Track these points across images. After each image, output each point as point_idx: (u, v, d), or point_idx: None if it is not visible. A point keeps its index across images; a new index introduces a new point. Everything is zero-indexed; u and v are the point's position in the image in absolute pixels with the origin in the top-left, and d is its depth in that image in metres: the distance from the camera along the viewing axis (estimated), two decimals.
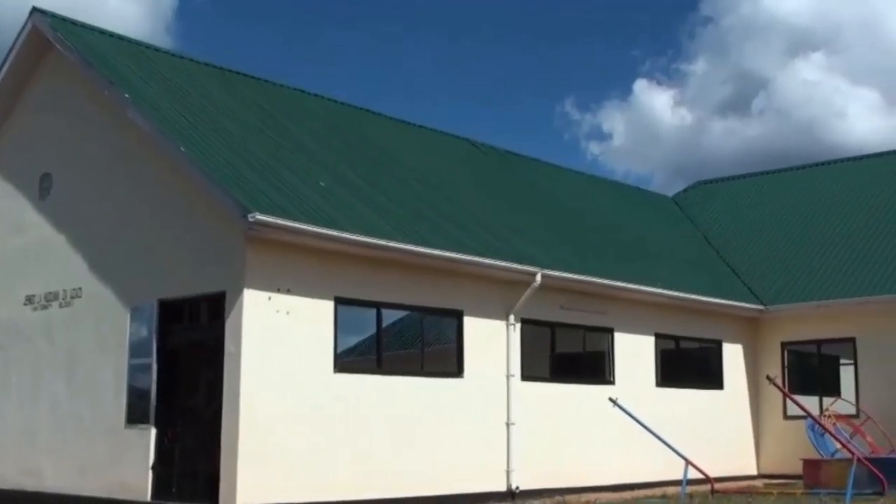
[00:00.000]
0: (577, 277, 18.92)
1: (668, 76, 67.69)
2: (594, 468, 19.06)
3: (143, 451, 15.32)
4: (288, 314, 14.62)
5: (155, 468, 15.25)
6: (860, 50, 60.46)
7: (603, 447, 19.36)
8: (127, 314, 16.02)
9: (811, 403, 22.00)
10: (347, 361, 15.81)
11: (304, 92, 22.00)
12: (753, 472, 23.51)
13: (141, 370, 15.68)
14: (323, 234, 14.71)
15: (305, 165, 17.59)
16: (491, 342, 17.74)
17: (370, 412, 15.60)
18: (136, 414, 15.60)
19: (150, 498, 15.11)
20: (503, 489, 17.38)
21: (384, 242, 15.55)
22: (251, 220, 13.63)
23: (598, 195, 27.28)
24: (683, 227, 28.93)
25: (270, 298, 14.43)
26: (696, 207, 30.42)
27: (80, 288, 16.89)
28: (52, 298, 17.36)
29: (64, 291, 17.15)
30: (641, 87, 67.00)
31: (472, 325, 17.45)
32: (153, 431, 15.33)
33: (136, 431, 15.52)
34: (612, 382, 20.07)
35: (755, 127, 61.32)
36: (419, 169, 21.35)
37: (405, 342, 17.86)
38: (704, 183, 32.53)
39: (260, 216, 13.70)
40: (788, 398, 19.83)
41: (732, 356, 23.67)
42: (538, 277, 17.89)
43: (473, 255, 17.07)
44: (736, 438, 23.33)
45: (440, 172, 22.07)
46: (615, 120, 68.29)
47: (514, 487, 17.50)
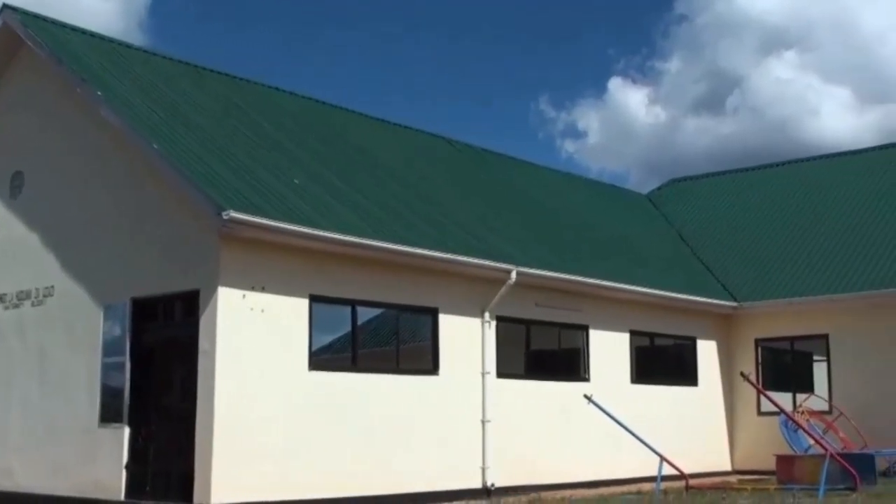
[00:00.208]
0: (552, 275, 18.95)
1: (642, 74, 67.98)
2: (569, 465, 19.10)
3: (116, 450, 15.23)
4: (262, 312, 14.57)
5: (129, 467, 15.16)
6: (832, 48, 60.92)
7: (578, 444, 19.40)
8: (100, 313, 15.92)
9: (785, 400, 22.14)
10: (322, 359, 15.78)
11: (279, 89, 21.93)
12: (727, 468, 23.63)
13: (114, 369, 15.58)
14: (298, 231, 14.67)
15: (280, 163, 17.53)
16: (466, 340, 17.75)
17: (345, 410, 15.58)
18: (109, 413, 15.51)
19: (123, 497, 15.02)
20: (478, 486, 17.39)
21: (359, 240, 15.53)
22: (225, 217, 13.57)
23: (573, 193, 27.34)
24: (658, 224, 29.04)
25: (245, 296, 14.38)
26: (670, 205, 30.54)
27: (52, 286, 16.77)
28: (24, 297, 17.22)
29: (36, 290, 17.02)
30: (616, 85, 67.27)
31: (447, 322, 17.45)
32: (127, 430, 15.24)
33: (109, 430, 15.43)
34: (587, 379, 20.12)
35: (729, 125, 61.68)
36: (395, 167, 21.32)
37: (380, 340, 17.83)
38: (678, 181, 32.67)
39: (234, 214, 13.65)
40: (762, 394, 19.95)
41: (707, 353, 23.78)
42: (513, 275, 17.91)
43: (449, 252, 17.07)
44: (710, 435, 23.44)
45: (416, 170, 22.06)
46: (590, 118, 68.52)
47: (489, 485, 17.52)
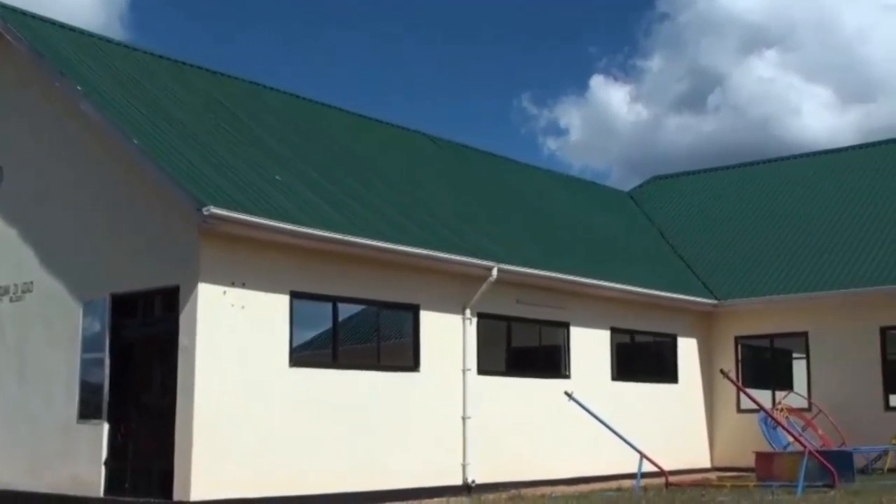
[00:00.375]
0: (533, 272, 18.97)
1: (624, 72, 68.14)
2: (550, 462, 19.13)
3: (95, 446, 15.17)
4: (243, 308, 14.53)
5: (108, 464, 15.10)
6: (813, 47, 61.24)
7: (558, 441, 19.44)
8: (79, 308, 15.84)
9: (764, 397, 22.26)
10: (303, 356, 15.74)
11: (260, 85, 21.86)
12: (707, 464, 23.72)
13: (93, 365, 15.51)
14: (278, 227, 14.63)
15: (261, 159, 17.47)
16: (447, 336, 17.75)
17: (326, 407, 15.56)
18: (88, 409, 15.43)
19: (102, 494, 14.96)
20: (459, 483, 17.40)
21: (340, 237, 15.50)
22: (206, 213, 13.51)
23: (554, 190, 27.37)
24: (639, 222, 29.11)
25: (225, 292, 14.34)
26: (651, 202, 30.62)
27: (31, 282, 16.67)
28: (2, 293, 17.12)
29: (15, 286, 16.92)
30: (598, 82, 67.45)
31: (428, 319, 17.45)
32: (106, 427, 15.17)
33: (88, 427, 15.36)
34: (567, 376, 20.17)
35: (710, 123, 61.93)
36: (376, 163, 21.29)
37: (361, 336, 17.80)
38: (660, 178, 32.75)
39: (215, 210, 13.60)
40: (742, 392, 20.04)
41: (687, 350, 23.86)
42: (494, 272, 17.92)
43: (430, 249, 17.06)
44: (690, 432, 23.53)
45: (397, 167, 22.03)
46: (572, 115, 68.65)
47: (469, 481, 17.53)
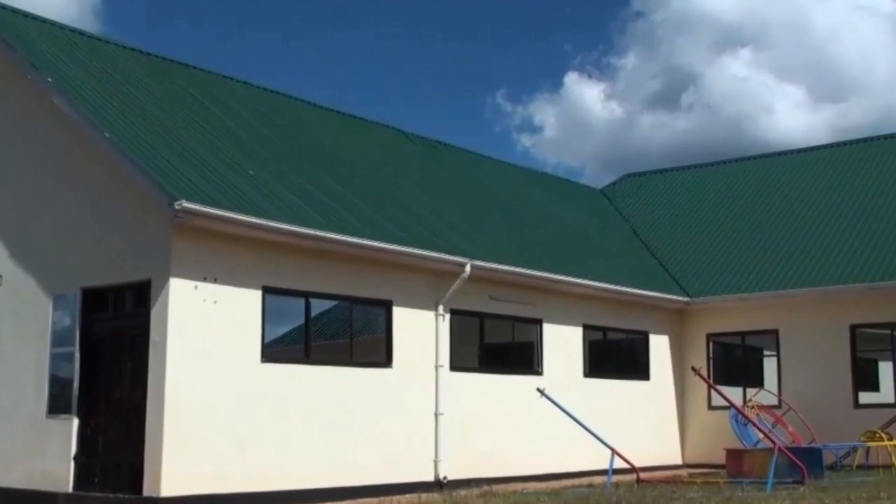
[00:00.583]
0: (506, 269, 18.98)
1: (598, 70, 68.30)
2: (522, 458, 19.16)
3: (65, 441, 15.06)
4: (215, 303, 14.47)
5: (77, 459, 15.00)
6: (787, 47, 61.61)
7: (531, 437, 19.48)
8: (49, 302, 15.72)
9: (735, 394, 22.41)
10: (275, 351, 15.69)
11: (233, 80, 21.76)
12: (678, 461, 23.83)
13: (63, 359, 15.40)
14: (251, 222, 14.57)
15: (234, 154, 17.39)
16: (420, 332, 17.74)
17: (298, 402, 15.52)
18: (58, 404, 15.32)
19: (71, 489, 14.86)
20: (431, 479, 17.39)
21: (313, 232, 15.46)
22: (178, 207, 13.43)
23: (528, 187, 27.40)
24: (612, 219, 29.20)
25: (197, 287, 14.27)
26: (624, 200, 30.72)
27: (0, 276, 16.53)
28: None
29: None
30: (572, 80, 67.56)
31: (401, 315, 17.44)
32: (75, 421, 15.07)
33: (57, 421, 15.25)
34: (540, 373, 20.21)
35: (684, 121, 62.18)
36: (350, 158, 21.25)
37: (334, 332, 17.78)
38: (633, 176, 32.85)
39: (186, 204, 13.52)
40: (713, 389, 20.13)
41: (659, 347, 23.96)
42: (467, 268, 17.93)
43: (403, 245, 17.04)
44: (661, 428, 23.63)
45: (371, 162, 21.99)
46: (546, 113, 68.75)
47: (441, 477, 17.54)
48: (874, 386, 23.14)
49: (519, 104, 70.16)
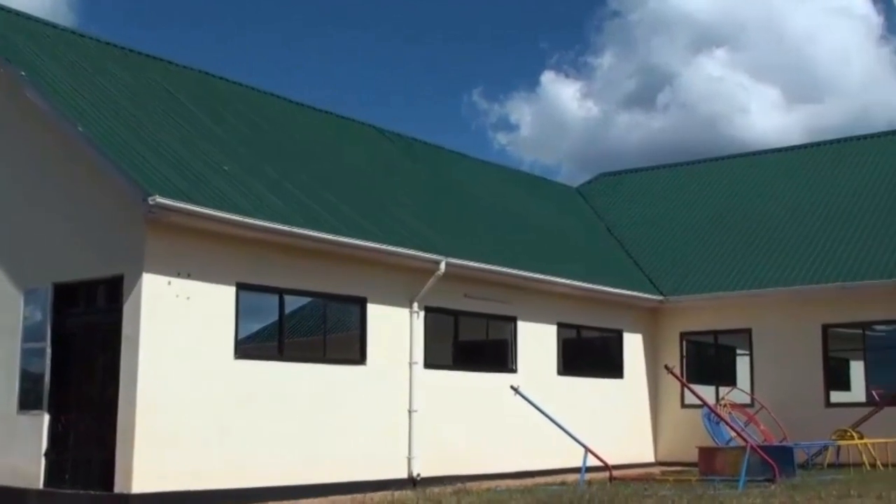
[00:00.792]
0: (480, 266, 18.99)
1: (575, 69, 68.49)
2: (495, 456, 19.19)
3: (35, 437, 14.96)
4: (188, 299, 14.40)
5: (48, 455, 14.91)
6: (762, 47, 61.95)
7: (504, 435, 19.50)
8: (20, 297, 15.61)
9: (708, 393, 22.49)
10: (248, 348, 15.65)
11: (209, 74, 21.65)
12: (651, 459, 23.93)
13: (34, 355, 15.30)
14: (225, 218, 14.50)
15: (209, 149, 17.31)
16: (394, 330, 17.73)
17: (271, 399, 15.47)
18: (28, 399, 15.22)
19: (42, 485, 14.77)
20: (404, 476, 17.39)
21: (287, 229, 15.42)
22: (151, 203, 13.36)
23: (504, 185, 27.43)
24: (587, 217, 29.27)
25: (170, 283, 14.20)
26: (599, 198, 30.80)
27: None
28: None
29: None
30: (549, 78, 67.72)
31: (375, 312, 17.41)
32: (46, 417, 14.98)
33: (28, 417, 15.15)
34: (514, 371, 20.23)
35: (660, 120, 62.41)
36: (325, 155, 21.21)
37: (308, 329, 17.74)
38: (608, 175, 32.94)
39: (160, 199, 13.44)
40: (686, 387, 20.21)
41: (632, 346, 24.04)
42: (442, 266, 17.93)
43: (377, 242, 17.02)
44: (634, 427, 23.72)
45: (346, 158, 21.95)
46: (523, 111, 68.89)
47: (415, 475, 17.54)
48: (845, 385, 23.33)
49: (495, 102, 70.32)
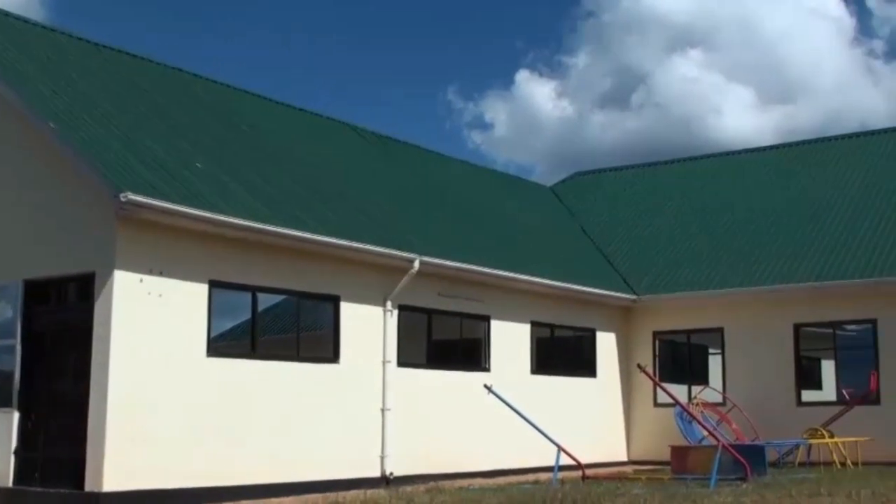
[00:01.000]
0: (454, 265, 19.00)
1: (550, 68, 68.63)
2: (468, 455, 19.20)
3: (4, 435, 14.84)
4: (160, 297, 14.32)
5: (17, 453, 14.80)
6: (736, 48, 62.25)
7: (477, 434, 19.51)
8: None
9: (680, 391, 22.59)
10: (221, 346, 15.58)
11: (183, 71, 21.50)
12: (624, 458, 24.01)
13: (4, 352, 15.16)
14: (197, 215, 14.44)
15: (182, 146, 17.22)
16: (368, 328, 17.70)
17: (244, 397, 15.41)
18: None
19: (11, 484, 14.66)
20: (377, 475, 17.37)
21: (261, 226, 15.36)
22: (123, 199, 13.28)
23: (478, 184, 27.43)
24: (561, 216, 29.32)
25: (142, 280, 14.11)
26: (573, 198, 30.86)
27: None
28: None
29: None
30: (524, 77, 67.74)
31: (348, 310, 17.38)
32: (16, 415, 14.85)
33: None
34: (487, 369, 20.24)
35: (634, 120, 62.64)
36: (300, 152, 21.13)
37: (281, 327, 17.68)
38: (582, 174, 33.03)
39: (132, 196, 13.36)
40: (658, 386, 20.29)
41: (606, 345, 24.11)
42: (416, 264, 17.92)
43: (351, 240, 16.98)
44: (607, 425, 23.78)
45: (321, 156, 21.87)
46: (497, 110, 68.95)
47: (388, 473, 17.52)
48: (817, 384, 23.50)
49: (470, 101, 70.37)
